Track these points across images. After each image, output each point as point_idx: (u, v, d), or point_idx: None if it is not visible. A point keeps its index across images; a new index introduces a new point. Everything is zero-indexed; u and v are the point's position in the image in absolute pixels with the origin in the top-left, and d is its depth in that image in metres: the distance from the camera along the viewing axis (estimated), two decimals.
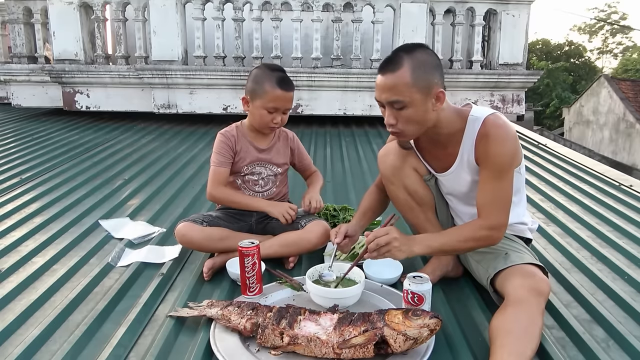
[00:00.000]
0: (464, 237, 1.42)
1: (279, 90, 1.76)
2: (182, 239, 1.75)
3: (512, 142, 1.39)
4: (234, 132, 1.89)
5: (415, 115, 1.36)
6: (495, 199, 1.40)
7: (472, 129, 1.42)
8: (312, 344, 1.19)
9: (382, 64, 1.38)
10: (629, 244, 2.02)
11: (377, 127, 4.82)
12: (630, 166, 10.08)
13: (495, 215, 1.40)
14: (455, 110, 1.46)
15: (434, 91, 1.35)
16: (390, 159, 1.61)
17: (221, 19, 4.61)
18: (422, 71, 1.33)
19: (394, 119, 1.38)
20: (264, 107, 1.78)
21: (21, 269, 1.76)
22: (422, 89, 1.33)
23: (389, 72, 1.34)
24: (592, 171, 3.26)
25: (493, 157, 1.38)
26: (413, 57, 1.34)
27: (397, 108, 1.35)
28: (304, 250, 1.80)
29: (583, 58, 27.05)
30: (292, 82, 1.82)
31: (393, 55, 1.36)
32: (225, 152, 1.85)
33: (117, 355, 1.24)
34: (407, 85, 1.32)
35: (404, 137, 1.45)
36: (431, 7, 4.70)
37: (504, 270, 1.41)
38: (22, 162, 3.33)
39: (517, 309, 1.23)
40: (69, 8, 4.69)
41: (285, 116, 1.84)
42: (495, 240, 1.42)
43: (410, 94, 1.33)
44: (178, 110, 4.73)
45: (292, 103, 1.85)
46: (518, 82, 4.84)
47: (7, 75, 5.14)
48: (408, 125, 1.38)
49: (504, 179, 1.39)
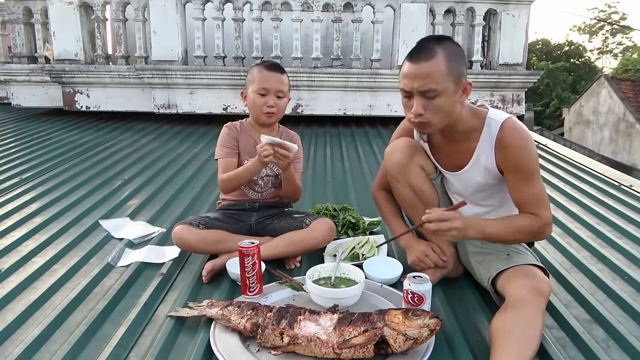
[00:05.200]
0: (521, 228, 1.41)
1: (266, 72, 1.82)
2: (179, 242, 1.75)
3: (532, 145, 1.41)
4: (237, 126, 1.93)
5: (445, 105, 1.36)
6: (536, 199, 1.41)
7: (489, 131, 1.43)
8: (312, 344, 1.19)
9: (414, 52, 1.37)
10: (629, 244, 2.02)
11: (377, 127, 4.82)
12: (630, 166, 10.07)
13: (544, 211, 1.41)
14: (471, 108, 1.47)
15: (463, 82, 1.38)
16: (397, 157, 1.59)
17: (221, 19, 4.61)
18: (454, 61, 1.34)
19: (422, 108, 1.36)
20: (255, 91, 1.82)
21: (21, 269, 1.76)
22: (454, 78, 1.35)
23: (422, 60, 1.33)
24: (592, 171, 3.26)
25: (521, 165, 1.40)
26: (445, 47, 1.35)
27: (429, 97, 1.35)
28: (309, 249, 1.80)
29: (583, 58, 27.03)
30: (282, 67, 1.87)
31: (424, 44, 1.36)
32: (229, 143, 1.88)
33: (117, 355, 1.24)
34: (442, 74, 1.33)
35: (430, 127, 1.42)
36: (431, 7, 4.70)
37: (506, 270, 1.41)
38: (22, 162, 3.33)
39: (518, 310, 1.23)
40: (69, 8, 4.69)
41: (280, 101, 1.84)
42: (546, 235, 1.44)
43: (444, 83, 1.33)
44: (178, 110, 4.73)
45: (284, 87, 1.84)
46: (518, 82, 4.84)
47: (7, 75, 5.14)
48: (436, 116, 1.38)
49: (536, 178, 1.42)
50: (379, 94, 4.73)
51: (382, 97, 4.73)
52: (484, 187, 1.52)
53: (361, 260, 1.77)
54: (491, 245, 1.53)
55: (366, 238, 1.92)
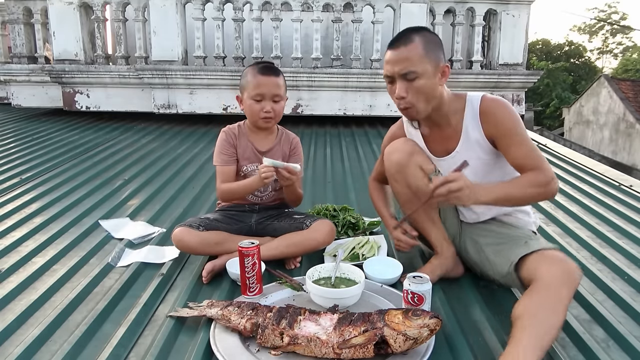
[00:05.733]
0: (527, 183, 1.42)
1: (260, 76, 1.76)
2: (179, 244, 1.74)
3: (513, 109, 1.49)
4: (235, 131, 1.89)
5: (425, 87, 1.45)
6: (531, 155, 1.44)
7: (472, 107, 1.52)
8: (312, 344, 1.19)
9: (393, 41, 1.49)
10: (629, 244, 2.02)
11: (377, 127, 4.82)
12: (630, 166, 10.07)
13: (543, 164, 1.43)
14: (453, 93, 1.58)
15: (441, 65, 1.47)
16: (396, 157, 1.62)
17: (221, 19, 4.61)
18: (431, 46, 1.46)
19: (405, 91, 1.46)
20: (250, 97, 1.78)
21: (21, 269, 1.76)
22: (432, 61, 1.45)
23: (401, 45, 1.45)
24: (592, 171, 3.26)
25: (507, 127, 1.46)
26: (421, 34, 1.47)
27: (410, 79, 1.44)
28: (310, 250, 1.79)
29: (583, 58, 27.04)
30: (277, 69, 1.82)
31: (403, 33, 1.48)
32: (226, 150, 1.86)
33: (117, 355, 1.24)
34: (419, 57, 1.44)
35: (415, 112, 1.50)
36: (431, 7, 4.70)
37: (529, 256, 1.40)
38: (22, 162, 3.33)
39: (545, 293, 1.22)
40: (69, 8, 4.69)
41: (276, 105, 1.80)
42: (554, 189, 1.43)
43: (422, 65, 1.44)
44: (178, 110, 4.73)
45: (280, 90, 1.80)
46: (518, 82, 4.84)
47: (7, 75, 5.14)
48: (418, 97, 1.47)
49: (526, 138, 1.46)
50: (379, 94, 4.73)
51: (382, 97, 4.73)
52: (480, 167, 1.54)
53: (361, 260, 1.77)
54: (507, 235, 1.55)
55: (366, 238, 1.92)
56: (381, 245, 1.88)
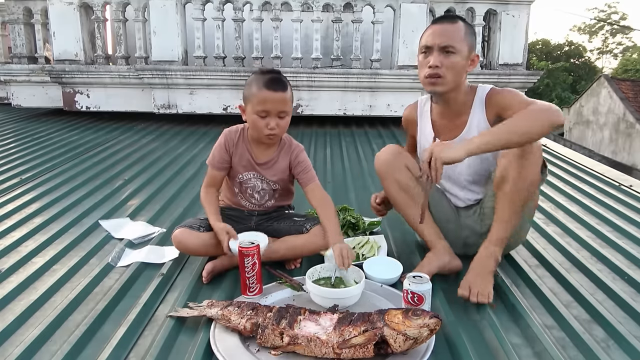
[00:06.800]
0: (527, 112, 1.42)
1: (266, 91, 1.64)
2: (179, 245, 1.74)
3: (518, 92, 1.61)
4: (235, 136, 1.82)
5: (458, 65, 1.59)
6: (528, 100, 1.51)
7: (480, 97, 1.66)
8: (312, 344, 1.19)
9: (440, 18, 1.67)
10: (629, 244, 2.02)
11: (377, 127, 4.82)
12: (630, 166, 10.07)
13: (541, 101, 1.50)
14: (469, 85, 1.71)
15: (473, 53, 1.64)
16: (383, 155, 1.77)
17: (221, 19, 4.61)
18: (469, 32, 1.62)
19: (440, 62, 1.58)
20: (254, 112, 1.68)
21: (21, 269, 1.76)
22: (468, 45, 1.61)
23: (448, 23, 1.61)
24: (592, 171, 3.26)
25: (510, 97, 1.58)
26: (464, 21, 1.63)
27: (448, 52, 1.57)
28: (310, 254, 1.79)
29: (583, 58, 27.08)
30: (284, 82, 1.69)
31: (449, 15, 1.71)
32: (220, 155, 1.80)
33: (117, 355, 1.24)
34: (461, 37, 1.59)
35: (442, 83, 1.60)
36: (431, 7, 4.70)
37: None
38: (22, 162, 3.33)
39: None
40: (69, 8, 4.70)
41: (282, 121, 1.69)
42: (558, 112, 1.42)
43: (461, 44, 1.58)
44: (178, 110, 4.73)
45: (287, 105, 1.69)
46: (518, 83, 4.84)
47: (7, 75, 5.14)
48: (449, 72, 1.58)
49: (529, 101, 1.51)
50: (379, 94, 4.73)
51: (382, 97, 4.73)
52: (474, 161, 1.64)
53: (361, 260, 1.77)
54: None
55: (366, 238, 1.92)
56: (381, 245, 1.88)
